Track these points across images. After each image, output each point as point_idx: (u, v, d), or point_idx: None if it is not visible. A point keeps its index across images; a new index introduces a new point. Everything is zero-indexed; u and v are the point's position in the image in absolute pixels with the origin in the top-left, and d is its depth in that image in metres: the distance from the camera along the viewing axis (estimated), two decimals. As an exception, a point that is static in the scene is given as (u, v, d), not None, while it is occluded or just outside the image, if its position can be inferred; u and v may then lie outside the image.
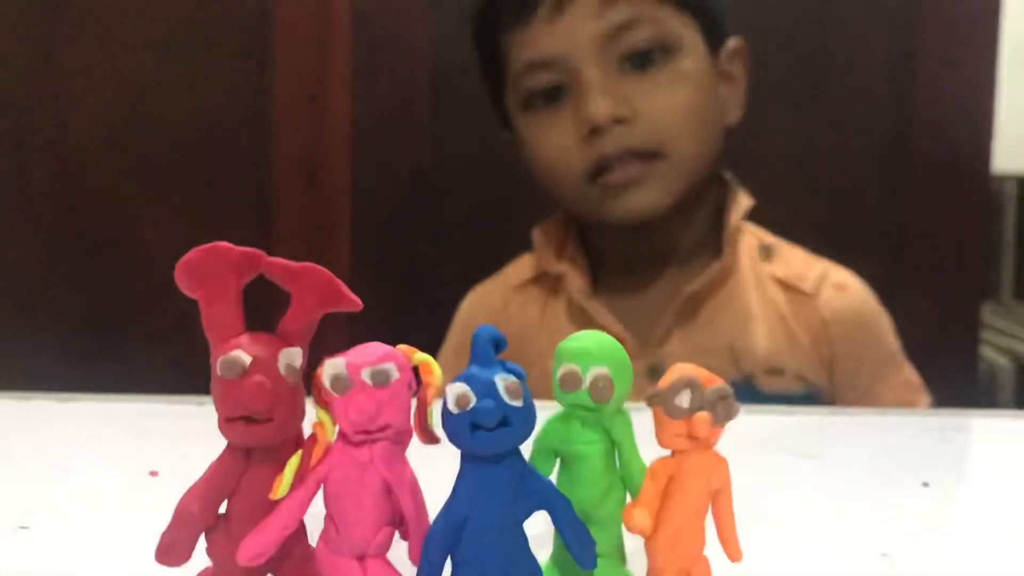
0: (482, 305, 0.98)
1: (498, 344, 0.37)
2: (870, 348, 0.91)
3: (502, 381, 0.35)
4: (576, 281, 0.89)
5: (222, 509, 0.37)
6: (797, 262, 0.92)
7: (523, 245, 0.98)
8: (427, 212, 1.27)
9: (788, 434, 0.65)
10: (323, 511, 0.37)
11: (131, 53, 1.27)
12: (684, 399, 0.36)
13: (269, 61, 1.25)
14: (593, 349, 0.37)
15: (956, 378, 1.28)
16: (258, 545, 0.36)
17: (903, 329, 1.01)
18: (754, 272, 0.90)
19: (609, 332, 0.38)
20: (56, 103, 1.27)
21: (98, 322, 1.28)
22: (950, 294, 1.38)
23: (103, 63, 1.27)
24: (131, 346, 1.27)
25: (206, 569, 0.38)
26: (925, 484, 0.54)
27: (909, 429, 0.66)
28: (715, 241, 0.90)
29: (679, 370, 0.36)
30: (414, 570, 0.36)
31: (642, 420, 0.38)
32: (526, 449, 0.37)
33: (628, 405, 0.39)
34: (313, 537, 0.38)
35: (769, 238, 0.94)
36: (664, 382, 0.36)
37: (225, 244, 0.37)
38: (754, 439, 0.59)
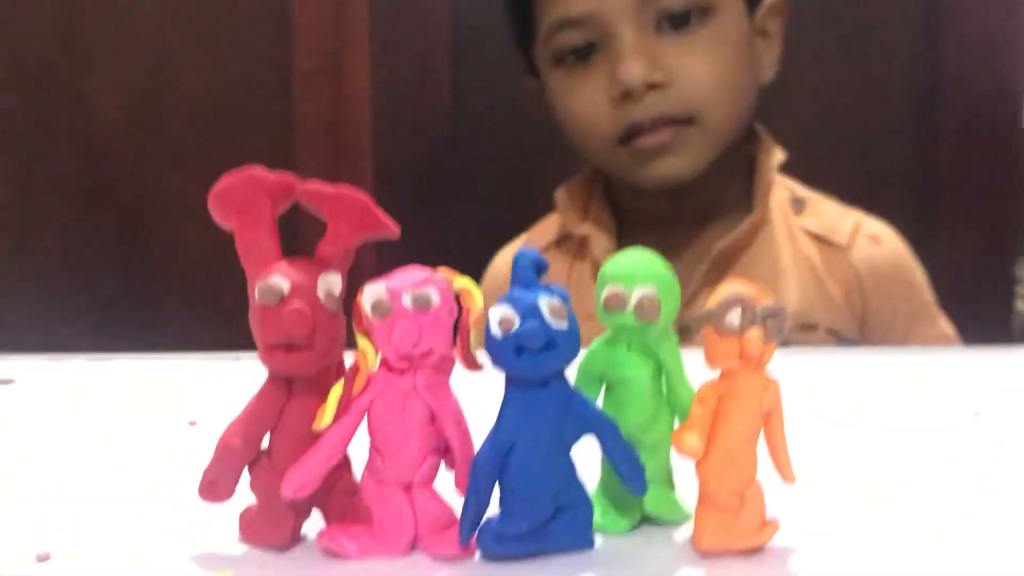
0: (508, 268, 0.96)
1: (540, 267, 0.36)
2: (904, 300, 0.89)
3: (546, 303, 0.34)
4: (601, 243, 0.88)
5: (264, 444, 0.37)
6: (830, 214, 0.90)
7: (546, 206, 0.97)
8: (449, 175, 1.26)
9: (829, 372, 0.64)
10: (366, 445, 0.36)
11: (151, 27, 1.27)
12: (735, 317, 0.35)
13: (288, 30, 1.25)
14: (638, 269, 0.36)
15: (991, 330, 1.26)
16: (302, 477, 0.35)
17: (936, 284, 0.99)
18: (786, 225, 0.88)
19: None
20: (80, 80, 1.27)
21: (128, 295, 1.29)
22: (983, 248, 1.35)
23: (124, 38, 1.26)
24: (161, 317, 1.27)
25: (250, 506, 0.37)
26: (976, 414, 0.52)
27: (954, 365, 0.65)
28: (747, 196, 0.88)
29: (729, 288, 0.35)
30: (461, 500, 0.36)
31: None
32: (569, 377, 0.36)
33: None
34: (358, 472, 0.38)
35: (801, 190, 0.92)
36: (714, 300, 0.35)
37: (259, 170, 0.36)
38: (795, 376, 0.58)
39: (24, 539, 0.37)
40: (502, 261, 0.99)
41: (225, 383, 0.63)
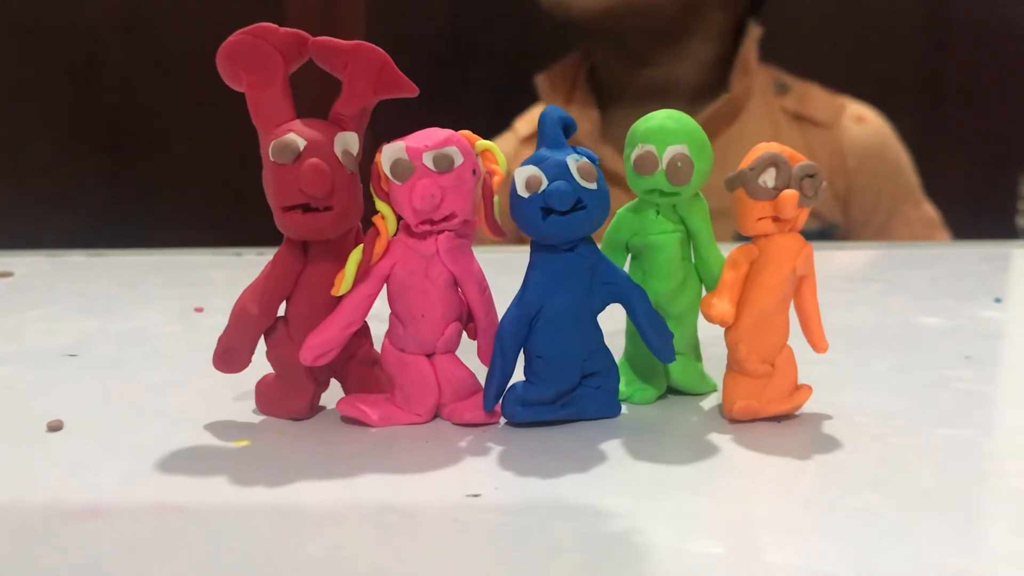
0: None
1: (567, 126, 0.34)
2: (888, 181, 0.89)
3: (575, 162, 0.33)
4: (584, 126, 0.88)
5: (280, 312, 0.36)
6: (814, 97, 0.90)
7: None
8: (447, 71, 1.24)
9: (842, 264, 0.63)
10: (381, 315, 0.35)
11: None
12: (769, 178, 0.33)
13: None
14: (670, 126, 0.34)
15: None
16: (322, 344, 0.34)
17: (940, 195, 0.98)
18: (767, 107, 0.88)
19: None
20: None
21: (118, 207, 1.27)
22: (988, 161, 1.34)
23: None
24: (151, 230, 1.26)
25: (267, 375, 0.36)
26: (997, 300, 0.52)
27: (970, 257, 0.64)
28: (728, 81, 0.88)
29: (762, 148, 0.34)
30: (484, 370, 0.35)
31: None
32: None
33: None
34: (377, 342, 0.37)
35: (787, 78, 0.92)
36: (747, 161, 0.34)
37: (270, 24, 0.34)
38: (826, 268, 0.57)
39: (36, 410, 0.36)
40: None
41: (228, 274, 0.62)
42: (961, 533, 0.26)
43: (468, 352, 0.35)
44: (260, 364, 0.36)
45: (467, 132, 0.35)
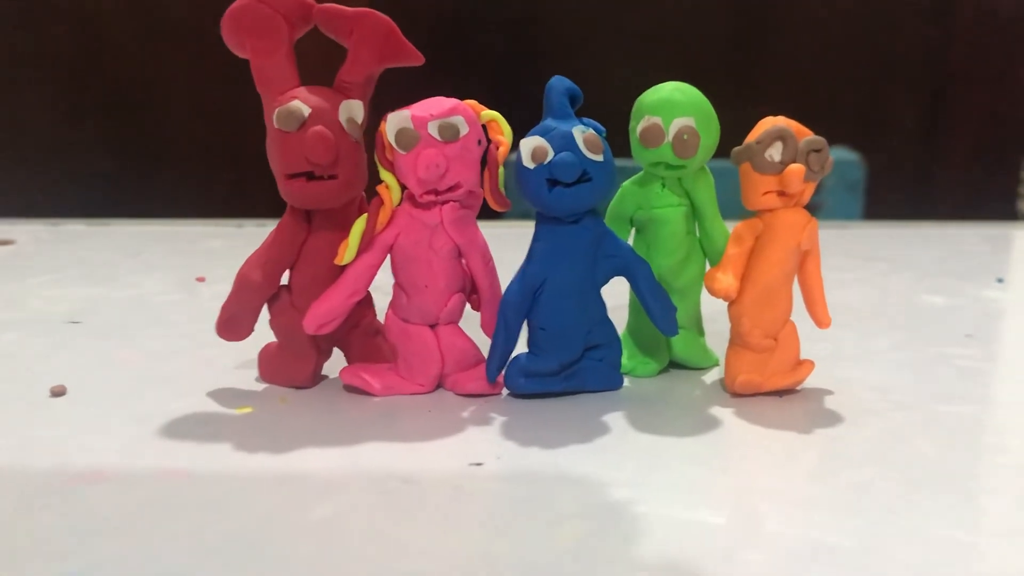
0: None
1: (574, 97, 0.34)
2: None
3: (581, 134, 0.33)
4: None
5: (284, 280, 0.36)
6: None
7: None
8: (450, 42, 1.23)
9: (844, 243, 0.63)
10: (385, 288, 0.35)
11: None
12: (776, 152, 0.33)
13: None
14: (677, 99, 0.34)
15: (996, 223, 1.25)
16: (325, 313, 0.34)
17: (944, 178, 0.97)
18: None
19: None
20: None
21: (122, 172, 1.26)
22: (991, 143, 1.34)
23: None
24: (154, 194, 1.25)
25: (270, 344, 0.36)
26: (1000, 280, 0.52)
27: (973, 237, 0.64)
28: None
29: (769, 122, 0.34)
30: (487, 342, 0.35)
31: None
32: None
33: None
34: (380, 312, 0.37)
35: None
36: (753, 135, 0.33)
37: (274, -9, 0.34)
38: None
39: (39, 375, 0.36)
40: None
41: (229, 245, 0.62)
42: (961, 507, 0.26)
43: (471, 323, 0.36)
44: (263, 332, 0.36)
45: (473, 102, 0.34)
